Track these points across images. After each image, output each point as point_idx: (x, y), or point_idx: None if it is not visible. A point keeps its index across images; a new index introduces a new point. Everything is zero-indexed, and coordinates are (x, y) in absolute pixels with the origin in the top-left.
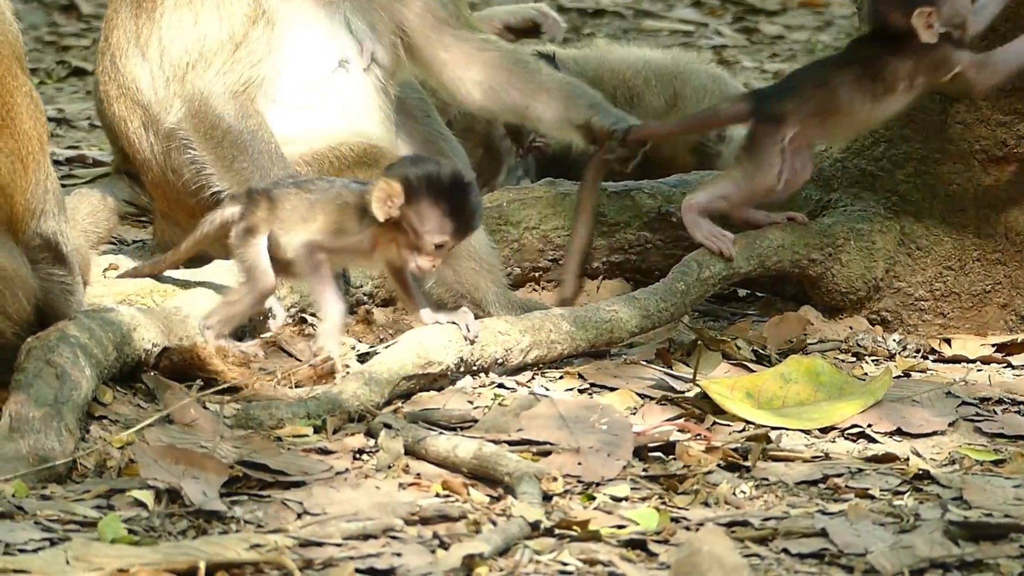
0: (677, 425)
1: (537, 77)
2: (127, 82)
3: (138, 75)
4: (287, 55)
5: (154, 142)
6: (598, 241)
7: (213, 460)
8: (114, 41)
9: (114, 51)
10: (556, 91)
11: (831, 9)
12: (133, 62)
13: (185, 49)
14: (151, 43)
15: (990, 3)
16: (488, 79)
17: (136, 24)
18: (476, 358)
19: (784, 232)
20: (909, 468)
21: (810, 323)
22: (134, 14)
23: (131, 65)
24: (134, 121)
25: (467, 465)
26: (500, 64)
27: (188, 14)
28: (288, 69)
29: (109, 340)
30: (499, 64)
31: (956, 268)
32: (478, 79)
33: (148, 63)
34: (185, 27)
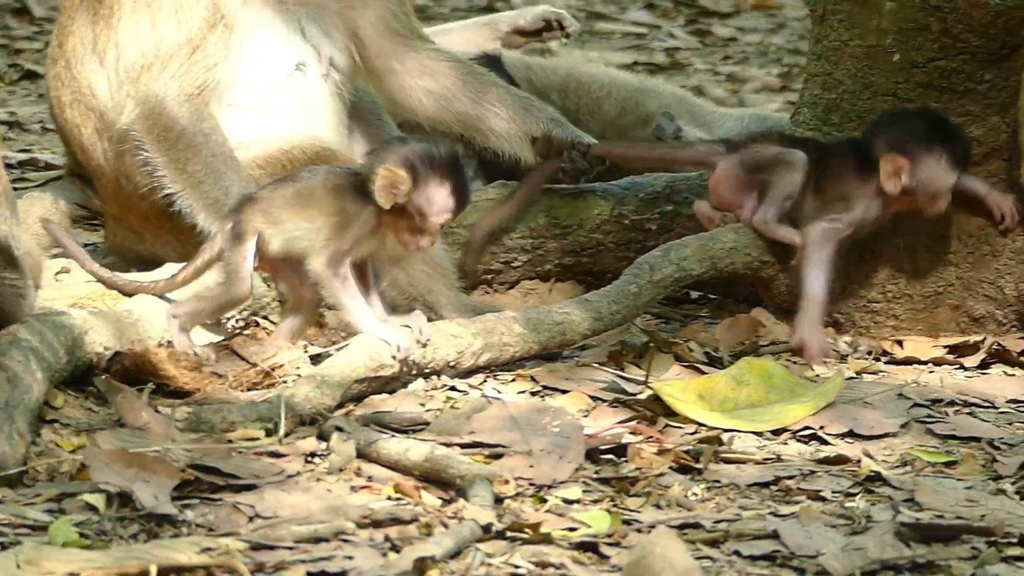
0: (629, 427)
1: (491, 89)
2: (82, 88)
3: (94, 81)
4: (244, 59)
5: (107, 148)
6: (550, 243)
7: (164, 464)
8: (69, 47)
9: (69, 57)
10: (511, 103)
11: (784, 11)
12: (89, 68)
13: (141, 52)
14: (108, 49)
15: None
16: (440, 89)
17: (93, 31)
18: (428, 361)
19: (737, 234)
20: (861, 470)
21: (762, 325)
22: (91, 20)
23: (87, 71)
24: (88, 127)
25: (419, 468)
26: (451, 75)
27: (146, 18)
28: (245, 73)
29: (60, 344)
30: (450, 75)
31: (908, 270)
32: (429, 88)
33: (105, 69)
34: (142, 31)
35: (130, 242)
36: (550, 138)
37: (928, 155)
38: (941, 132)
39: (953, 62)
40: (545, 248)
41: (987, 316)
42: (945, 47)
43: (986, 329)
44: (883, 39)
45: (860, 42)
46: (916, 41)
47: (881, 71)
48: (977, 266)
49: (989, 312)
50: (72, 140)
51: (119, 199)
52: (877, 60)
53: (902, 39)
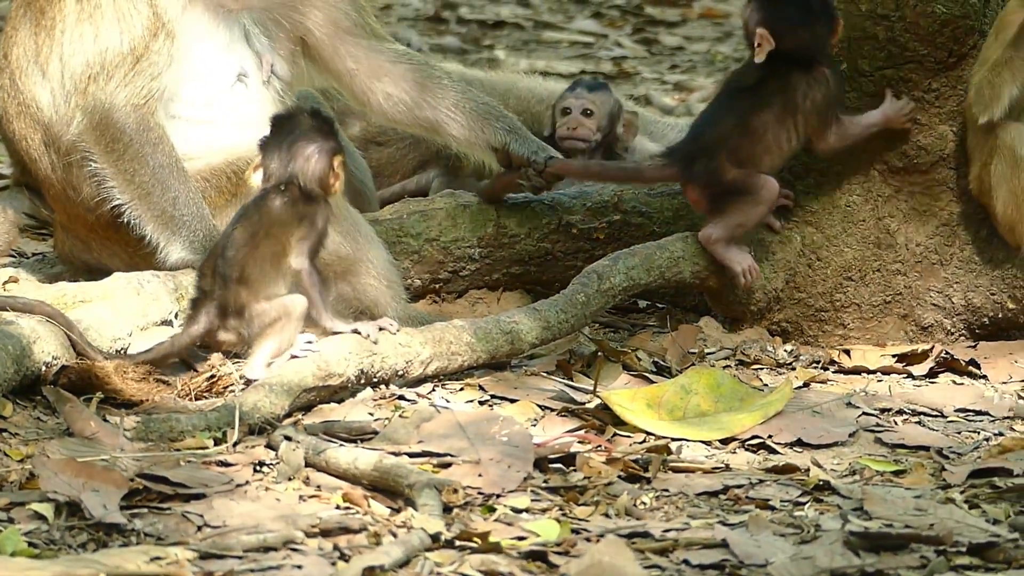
0: (578, 436)
1: (452, 95)
2: (27, 100)
3: (38, 93)
4: (187, 68)
5: (55, 159)
6: (498, 252)
7: (113, 473)
8: (13, 59)
9: (13, 69)
10: (472, 111)
11: (732, 20)
12: (33, 80)
13: (86, 62)
14: (51, 60)
15: None
16: (400, 92)
17: (36, 42)
18: (377, 370)
19: (684, 243)
20: (809, 479)
21: (710, 334)
22: (33, 32)
23: (31, 84)
24: (35, 139)
25: (368, 477)
26: (413, 78)
27: (88, 28)
28: (188, 83)
29: (8, 353)
30: (412, 78)
31: (856, 279)
32: (389, 91)
33: (49, 81)
34: (86, 41)
35: (78, 251)
36: (507, 151)
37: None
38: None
39: (900, 71)
40: (493, 257)
41: (935, 325)
42: (892, 56)
43: (934, 338)
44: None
45: None
46: (863, 50)
47: None
48: (925, 275)
49: (937, 321)
50: (20, 151)
51: (67, 210)
52: None
53: (849, 48)
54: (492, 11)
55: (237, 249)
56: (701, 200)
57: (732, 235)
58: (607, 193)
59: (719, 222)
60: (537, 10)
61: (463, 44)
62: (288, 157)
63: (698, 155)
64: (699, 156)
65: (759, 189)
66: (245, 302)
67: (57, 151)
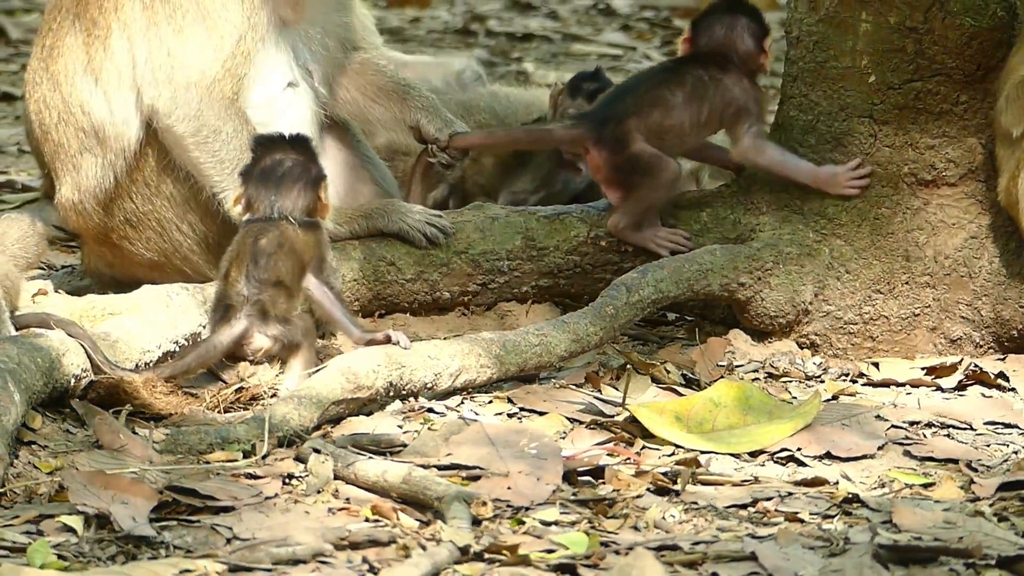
0: (606, 449)
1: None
2: (73, 108)
3: (88, 101)
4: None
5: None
6: (527, 265)
7: (142, 485)
8: (57, 70)
9: (58, 80)
10: (394, 92)
11: None
12: (83, 89)
13: (172, 66)
14: (107, 68)
15: None
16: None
17: (87, 53)
18: (405, 382)
19: (713, 256)
20: (839, 492)
21: (739, 347)
22: (84, 43)
23: (80, 92)
24: (72, 146)
25: (397, 490)
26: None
27: (168, 33)
28: (253, 85)
29: (38, 366)
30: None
31: (885, 291)
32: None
33: (104, 88)
34: (167, 46)
35: (104, 266)
36: (419, 127)
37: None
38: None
39: (929, 83)
40: (522, 270)
41: (964, 337)
42: (921, 68)
43: (963, 351)
44: (859, 61)
45: (836, 63)
46: (892, 63)
47: (857, 92)
48: (954, 287)
49: (966, 333)
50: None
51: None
52: (853, 81)
53: (878, 60)
54: (521, 24)
55: (269, 256)
56: (603, 168)
57: (638, 220)
58: None
59: (623, 209)
60: (566, 23)
61: (492, 57)
62: (275, 194)
63: (608, 119)
64: (609, 120)
65: (661, 171)
66: (287, 308)
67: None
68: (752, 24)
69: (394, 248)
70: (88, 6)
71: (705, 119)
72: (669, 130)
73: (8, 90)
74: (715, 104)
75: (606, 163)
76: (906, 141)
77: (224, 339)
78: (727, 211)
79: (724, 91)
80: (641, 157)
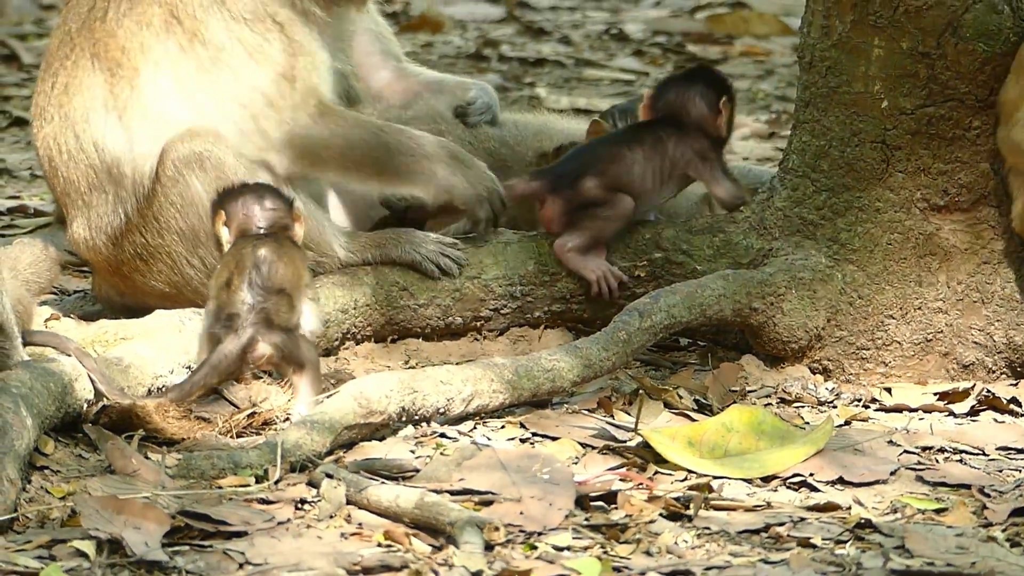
0: (619, 474)
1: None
2: (85, 145)
3: (105, 138)
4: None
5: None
6: (539, 290)
7: (155, 510)
8: (73, 108)
9: (74, 119)
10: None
11: (772, 58)
12: (102, 126)
13: (240, 104)
14: (140, 103)
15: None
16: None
17: (112, 91)
18: (418, 407)
19: (726, 281)
20: (851, 517)
21: (751, 372)
22: (108, 82)
23: (98, 130)
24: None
25: (409, 515)
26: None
27: (218, 74)
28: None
29: (50, 391)
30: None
31: (898, 317)
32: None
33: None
34: (221, 86)
35: (115, 295)
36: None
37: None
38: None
39: (941, 108)
40: (534, 295)
41: (977, 363)
42: (933, 94)
43: (976, 376)
44: (871, 86)
45: (848, 89)
46: (904, 88)
47: (869, 118)
48: (967, 313)
49: (979, 359)
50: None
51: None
52: (865, 107)
53: (890, 86)
54: (533, 49)
55: (271, 264)
56: (557, 216)
57: (587, 245)
58: (648, 231)
59: (574, 233)
60: (578, 48)
61: (504, 82)
62: (261, 211)
63: (567, 174)
64: (566, 175)
65: (616, 205)
66: (289, 317)
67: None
68: (706, 89)
69: (406, 274)
70: (108, 47)
71: (667, 174)
72: (628, 186)
73: (21, 115)
74: (675, 158)
75: (561, 212)
76: (919, 166)
77: (233, 348)
78: (740, 236)
79: (682, 146)
80: (596, 196)
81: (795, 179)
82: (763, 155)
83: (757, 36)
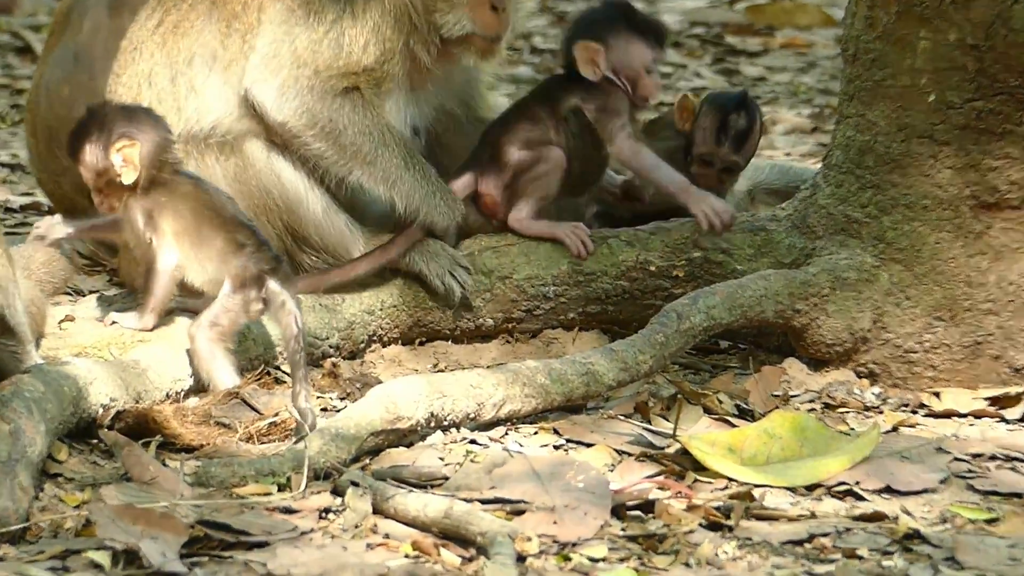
0: (657, 482)
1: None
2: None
3: (201, 84)
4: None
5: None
6: (573, 291)
7: (173, 520)
8: (179, 46)
9: (175, 57)
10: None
11: (815, 50)
12: (200, 71)
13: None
14: (241, 61)
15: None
16: None
17: (222, 42)
18: (447, 413)
19: (767, 281)
20: (899, 527)
21: (794, 376)
22: (221, 31)
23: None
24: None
25: (438, 524)
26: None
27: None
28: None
29: (64, 395)
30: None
31: (946, 319)
32: None
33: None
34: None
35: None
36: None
37: (617, 37)
38: (627, 16)
39: (991, 103)
40: (568, 296)
41: None
42: (982, 87)
43: None
44: (918, 79)
45: (894, 82)
46: (952, 81)
47: (916, 112)
48: (1018, 315)
49: None
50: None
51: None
52: (912, 101)
53: (937, 79)
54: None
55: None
56: (497, 199)
57: (537, 208)
58: (686, 229)
59: (519, 203)
60: None
61: (536, 74)
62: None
63: (484, 155)
64: (485, 155)
65: (545, 158)
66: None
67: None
68: (573, 34)
69: None
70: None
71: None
72: (547, 140)
73: None
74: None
75: (496, 192)
76: (967, 162)
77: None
78: (782, 235)
79: (591, 96)
80: (523, 161)
81: (839, 175)
82: (806, 151)
83: (799, 27)
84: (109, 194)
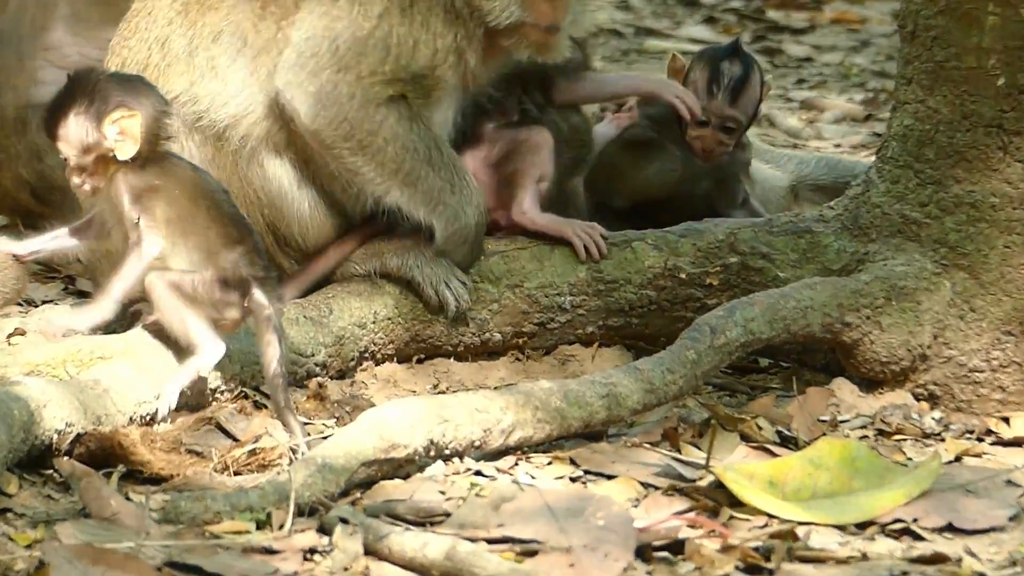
0: (687, 519)
1: None
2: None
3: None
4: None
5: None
6: (593, 301)
7: (137, 561)
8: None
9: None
10: None
11: (868, 27)
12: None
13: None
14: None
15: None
16: None
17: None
18: (449, 440)
19: (813, 291)
20: (962, 571)
21: (844, 399)
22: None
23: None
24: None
25: (438, 567)
26: None
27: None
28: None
29: (15, 419)
30: None
31: (1017, 333)
32: None
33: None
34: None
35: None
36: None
37: None
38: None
39: None
40: (587, 307)
41: None
42: None
43: None
44: (985, 60)
45: (958, 63)
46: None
47: (983, 98)
48: None
49: None
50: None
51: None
52: (978, 84)
53: (1007, 60)
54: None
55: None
56: (488, 197)
57: (535, 197)
58: (721, 231)
59: (515, 195)
60: (639, 14)
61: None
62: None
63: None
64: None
65: (530, 135)
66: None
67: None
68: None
69: None
70: None
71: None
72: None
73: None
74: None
75: (488, 189)
76: None
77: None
78: (830, 237)
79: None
80: (507, 145)
81: (895, 170)
82: (858, 142)
83: (851, 0)
84: (94, 173)
